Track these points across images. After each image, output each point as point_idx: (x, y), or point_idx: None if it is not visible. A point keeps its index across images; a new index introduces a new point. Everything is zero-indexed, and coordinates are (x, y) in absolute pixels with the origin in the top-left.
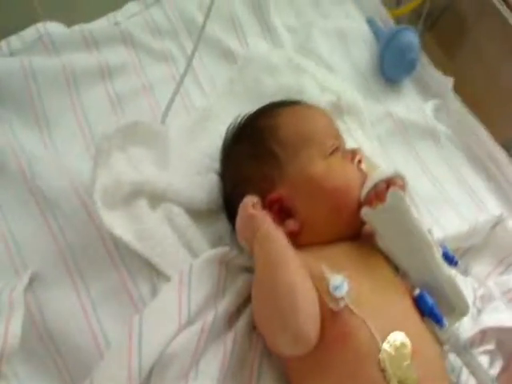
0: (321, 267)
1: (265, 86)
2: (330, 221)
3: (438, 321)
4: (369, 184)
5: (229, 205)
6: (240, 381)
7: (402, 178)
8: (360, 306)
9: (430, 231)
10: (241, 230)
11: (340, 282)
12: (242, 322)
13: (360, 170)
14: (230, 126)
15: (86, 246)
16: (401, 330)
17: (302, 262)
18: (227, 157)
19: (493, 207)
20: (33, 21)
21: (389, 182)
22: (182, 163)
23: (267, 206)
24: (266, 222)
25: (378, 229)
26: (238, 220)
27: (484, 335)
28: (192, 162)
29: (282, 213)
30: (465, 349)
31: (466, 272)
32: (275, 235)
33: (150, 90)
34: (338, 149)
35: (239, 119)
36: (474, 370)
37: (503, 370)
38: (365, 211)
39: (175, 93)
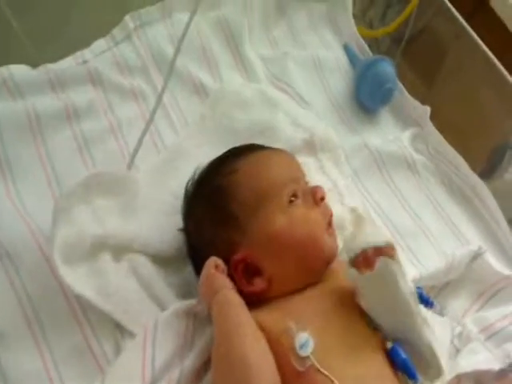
0: (287, 324)
1: (237, 122)
2: (297, 272)
3: (412, 376)
4: (357, 246)
5: (193, 258)
6: None
7: (393, 247)
8: (327, 364)
9: (414, 294)
10: (202, 290)
11: (305, 340)
12: (209, 377)
13: (323, 208)
14: (188, 181)
15: (48, 302)
16: None
17: (268, 322)
18: (189, 216)
19: (473, 239)
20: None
21: (379, 250)
22: (151, 206)
23: (232, 266)
24: (226, 286)
25: (362, 291)
26: (201, 278)
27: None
28: (162, 203)
29: (247, 272)
30: None
31: (441, 311)
32: (233, 301)
33: (119, 131)
34: (296, 195)
35: (196, 174)
36: None
37: None
38: (351, 273)
39: (144, 132)
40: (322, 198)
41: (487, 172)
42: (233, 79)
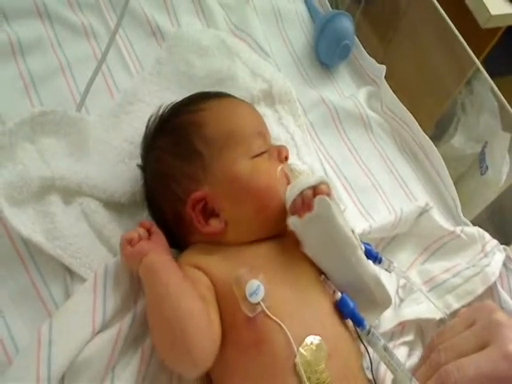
0: (238, 272)
1: (195, 68)
2: (254, 221)
3: (359, 323)
4: (294, 192)
5: (151, 200)
6: None
7: (327, 184)
8: (276, 310)
9: (353, 231)
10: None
11: (256, 288)
12: None
13: (286, 168)
14: (151, 116)
15: None
16: (317, 332)
17: (220, 271)
18: (149, 151)
19: (420, 196)
20: None
21: (315, 190)
22: (104, 151)
23: (191, 205)
24: (146, 251)
25: (305, 237)
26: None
27: (403, 327)
28: (115, 149)
29: (205, 211)
30: (385, 349)
31: (389, 267)
32: (158, 264)
33: (69, 70)
34: (264, 151)
35: (162, 110)
36: (394, 369)
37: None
38: (292, 221)
39: (95, 72)
40: (286, 158)
41: (436, 136)
42: (191, 24)
